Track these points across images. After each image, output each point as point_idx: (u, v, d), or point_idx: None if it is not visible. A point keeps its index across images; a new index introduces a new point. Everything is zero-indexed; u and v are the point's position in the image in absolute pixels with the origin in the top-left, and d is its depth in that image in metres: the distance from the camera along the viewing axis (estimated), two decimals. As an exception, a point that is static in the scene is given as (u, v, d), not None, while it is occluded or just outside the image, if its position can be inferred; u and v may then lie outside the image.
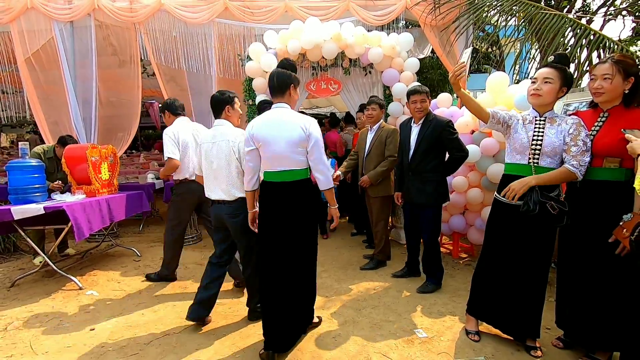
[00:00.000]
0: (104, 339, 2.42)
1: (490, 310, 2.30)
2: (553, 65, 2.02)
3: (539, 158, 2.03)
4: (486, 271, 2.30)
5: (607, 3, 9.05)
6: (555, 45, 4.01)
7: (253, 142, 2.11)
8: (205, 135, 2.53)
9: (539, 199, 1.96)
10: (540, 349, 2.17)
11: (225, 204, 2.42)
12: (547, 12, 4.21)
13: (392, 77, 4.23)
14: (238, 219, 2.40)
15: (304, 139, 2.06)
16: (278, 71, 2.17)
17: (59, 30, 4.54)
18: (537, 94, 2.03)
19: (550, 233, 2.09)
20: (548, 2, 8.85)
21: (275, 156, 2.07)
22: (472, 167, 3.61)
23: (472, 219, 3.72)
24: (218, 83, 4.81)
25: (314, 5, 4.72)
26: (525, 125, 2.10)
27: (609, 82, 1.88)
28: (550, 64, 2.04)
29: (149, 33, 4.66)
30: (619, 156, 1.87)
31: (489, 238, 2.30)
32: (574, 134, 1.95)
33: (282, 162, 2.08)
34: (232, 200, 2.40)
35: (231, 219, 2.42)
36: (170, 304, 2.93)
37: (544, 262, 2.12)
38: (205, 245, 4.61)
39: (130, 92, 4.92)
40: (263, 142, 2.07)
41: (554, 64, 2.02)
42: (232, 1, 4.67)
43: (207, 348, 2.30)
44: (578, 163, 1.92)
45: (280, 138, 2.05)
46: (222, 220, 2.47)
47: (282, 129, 2.05)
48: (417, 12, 4.74)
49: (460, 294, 2.98)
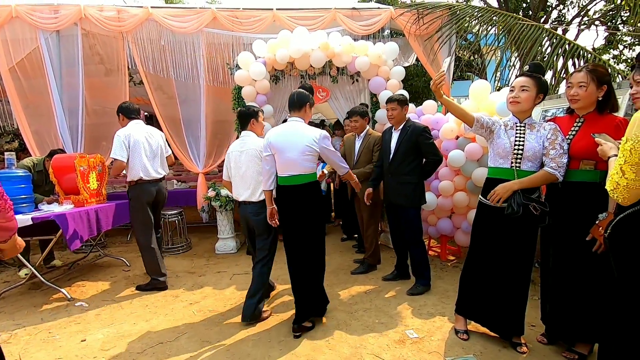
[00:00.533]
0: (95, 350, 2.40)
1: (478, 309, 2.39)
2: (528, 74, 2.14)
3: (520, 162, 2.14)
4: (472, 271, 2.40)
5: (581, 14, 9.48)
6: (533, 54, 4.20)
7: (270, 149, 2.49)
8: (234, 145, 2.86)
9: (522, 201, 2.07)
10: (525, 345, 2.26)
11: (250, 204, 2.77)
12: (524, 23, 4.41)
13: (379, 85, 4.34)
14: (261, 217, 2.73)
15: (313, 149, 2.44)
16: (299, 91, 2.60)
17: (45, 39, 4.49)
18: (516, 101, 2.15)
19: (532, 233, 2.20)
20: (526, 13, 9.23)
21: (287, 162, 2.44)
22: (457, 171, 3.73)
23: (458, 222, 3.82)
24: (206, 91, 4.83)
25: (301, 15, 4.81)
26: (507, 131, 2.21)
27: (584, 89, 2.00)
28: (525, 73, 2.17)
29: (137, 42, 4.65)
30: (593, 159, 2.00)
31: (474, 239, 2.40)
32: (552, 139, 2.08)
33: (293, 167, 2.45)
34: (257, 201, 2.74)
35: (254, 217, 2.76)
36: (163, 313, 2.92)
37: (527, 261, 2.23)
38: (195, 253, 4.59)
39: (116, 101, 4.86)
40: (278, 149, 2.45)
41: (530, 73, 2.14)
42: (221, 11, 4.72)
43: (202, 357, 2.30)
44: (557, 165, 2.04)
45: (293, 147, 2.42)
46: (247, 220, 2.81)
47: (295, 139, 2.43)
48: (401, 22, 4.89)
49: (449, 295, 3.06)
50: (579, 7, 9.49)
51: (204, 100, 4.82)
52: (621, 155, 1.34)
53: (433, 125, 3.93)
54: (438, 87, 2.18)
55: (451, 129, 3.70)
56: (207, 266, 4.08)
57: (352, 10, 4.90)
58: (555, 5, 9.77)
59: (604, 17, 9.28)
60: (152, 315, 2.89)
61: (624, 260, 1.44)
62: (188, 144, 4.91)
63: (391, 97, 3.26)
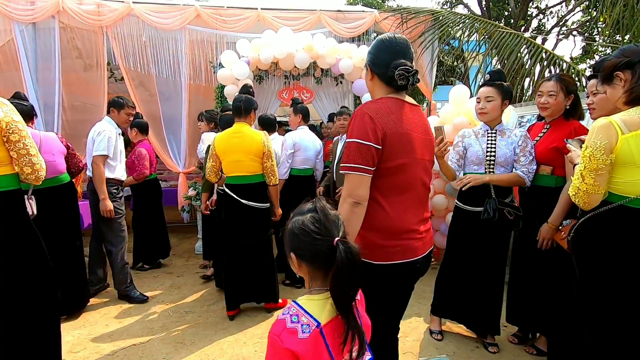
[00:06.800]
0: (64, 352, 2.32)
1: (454, 308, 2.44)
2: (490, 83, 2.19)
3: (494, 167, 2.20)
4: (449, 273, 2.45)
5: (560, 24, 9.80)
6: (512, 61, 4.31)
7: (294, 147, 3.34)
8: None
9: (497, 207, 2.12)
10: (497, 345, 2.32)
11: None
12: (504, 31, 4.52)
13: (363, 87, 4.37)
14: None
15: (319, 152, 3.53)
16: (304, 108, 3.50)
17: (20, 31, 4.34)
18: (484, 112, 2.21)
19: (506, 236, 2.28)
20: (508, 21, 9.47)
21: (306, 158, 3.41)
22: (436, 174, 3.79)
23: (437, 224, 3.88)
24: (188, 89, 4.77)
25: (286, 16, 4.80)
26: (479, 139, 2.27)
27: (553, 98, 2.08)
28: (487, 82, 2.21)
29: (117, 37, 4.55)
30: (549, 164, 2.09)
31: (450, 242, 2.45)
32: (522, 146, 2.15)
33: (308, 163, 3.44)
34: None
35: None
36: (137, 314, 2.86)
37: (501, 263, 2.30)
38: (174, 253, 4.51)
39: (96, 97, 4.76)
40: (302, 148, 3.36)
41: (492, 82, 2.19)
42: (205, 8, 4.67)
43: (175, 357, 2.27)
44: (527, 170, 2.13)
45: (312, 147, 3.45)
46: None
47: (314, 142, 3.50)
48: (385, 25, 4.94)
49: (426, 296, 3.10)
50: (557, 17, 9.81)
51: (186, 98, 4.75)
52: (582, 161, 1.40)
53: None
54: (443, 154, 2.03)
55: (431, 133, 3.76)
56: (186, 267, 4.03)
57: (337, 13, 4.93)
58: (536, 14, 10.07)
59: (582, 28, 9.61)
60: (126, 317, 2.82)
61: (585, 261, 1.50)
62: (168, 143, 4.83)
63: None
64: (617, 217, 1.39)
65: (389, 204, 1.33)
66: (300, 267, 0.97)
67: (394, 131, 1.30)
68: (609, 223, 1.41)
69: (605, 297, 1.42)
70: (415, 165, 1.36)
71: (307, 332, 0.90)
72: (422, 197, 1.42)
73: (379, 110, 1.31)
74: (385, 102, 1.35)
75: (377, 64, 1.40)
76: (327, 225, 0.93)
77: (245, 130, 2.67)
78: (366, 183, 1.29)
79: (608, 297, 1.41)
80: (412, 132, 1.35)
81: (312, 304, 0.95)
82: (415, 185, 1.38)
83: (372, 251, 1.32)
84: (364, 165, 1.27)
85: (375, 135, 1.28)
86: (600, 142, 1.34)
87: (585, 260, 1.50)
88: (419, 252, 1.40)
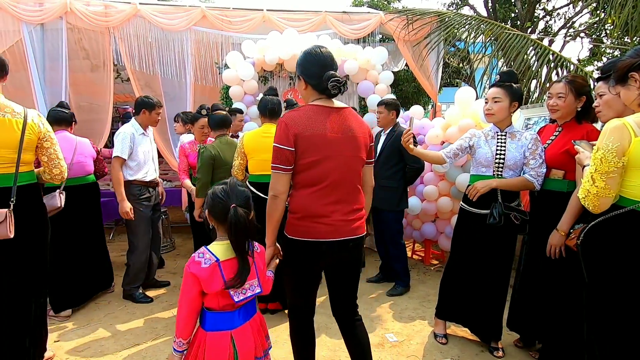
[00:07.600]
0: (68, 351, 2.34)
1: (458, 311, 2.41)
2: (499, 84, 2.16)
3: (502, 170, 2.17)
4: (453, 276, 2.42)
5: (567, 25, 9.72)
6: (519, 63, 4.28)
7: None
8: None
9: (503, 211, 2.09)
10: (502, 350, 2.29)
11: None
12: (510, 32, 4.49)
13: (367, 89, 4.36)
14: None
15: None
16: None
17: (28, 32, 4.39)
18: (490, 113, 2.18)
19: (511, 241, 2.24)
20: (514, 23, 9.41)
21: None
22: (442, 176, 3.76)
23: (442, 227, 3.86)
24: (193, 90, 4.79)
25: (291, 17, 4.80)
26: (488, 141, 2.24)
27: (563, 100, 2.04)
28: (496, 83, 2.18)
29: (124, 38, 4.58)
30: (561, 168, 2.04)
31: (455, 245, 2.42)
32: (532, 149, 2.11)
33: None
34: None
35: None
36: (141, 315, 2.86)
37: (506, 267, 2.26)
38: (178, 253, 4.53)
39: (102, 97, 4.80)
40: None
41: (501, 83, 2.15)
42: (211, 9, 4.69)
43: (178, 357, 2.26)
44: (536, 173, 2.09)
45: None
46: None
47: None
48: (391, 27, 4.93)
49: (430, 299, 3.08)
50: (565, 19, 9.72)
51: (191, 98, 4.77)
52: (592, 163, 1.37)
53: (419, 131, 3.97)
54: (407, 143, 2.18)
55: (437, 135, 3.73)
56: (190, 267, 4.03)
57: (342, 14, 4.93)
58: (543, 16, 9.99)
59: (589, 30, 9.52)
60: (130, 317, 2.83)
61: (594, 266, 1.47)
62: (173, 143, 4.86)
63: (381, 100, 3.34)
64: (628, 222, 1.35)
65: (302, 193, 1.59)
66: (211, 221, 1.39)
67: (306, 134, 1.52)
68: (620, 228, 1.38)
69: (614, 303, 1.39)
70: (329, 160, 1.55)
71: (207, 264, 1.32)
72: (339, 187, 1.58)
73: (294, 117, 1.54)
74: (304, 110, 1.57)
75: (310, 75, 1.58)
76: (230, 194, 1.33)
77: (274, 131, 2.74)
78: (282, 179, 1.55)
79: (617, 303, 1.38)
80: (328, 132, 1.54)
81: (216, 247, 1.37)
82: (329, 178, 1.55)
83: (288, 227, 1.63)
84: (281, 165, 1.54)
85: (287, 139, 1.51)
86: (612, 144, 1.31)
87: (595, 266, 1.47)
88: (323, 236, 1.57)
